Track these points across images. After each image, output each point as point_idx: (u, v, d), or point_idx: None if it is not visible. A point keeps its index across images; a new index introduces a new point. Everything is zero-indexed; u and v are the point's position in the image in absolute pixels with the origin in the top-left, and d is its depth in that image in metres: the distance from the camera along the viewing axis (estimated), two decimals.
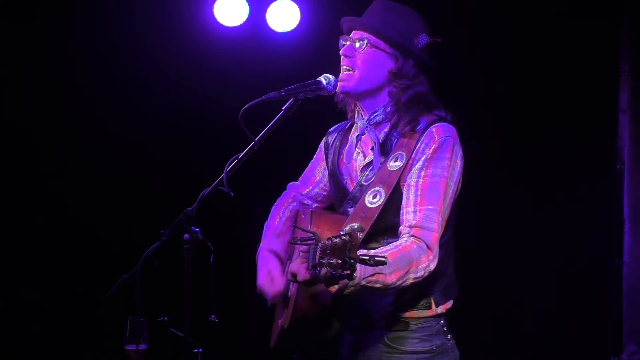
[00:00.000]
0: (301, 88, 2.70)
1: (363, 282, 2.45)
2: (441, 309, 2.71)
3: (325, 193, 3.00)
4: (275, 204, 3.07)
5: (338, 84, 2.75)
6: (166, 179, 4.87)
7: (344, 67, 2.75)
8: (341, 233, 2.25)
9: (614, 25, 4.30)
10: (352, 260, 2.21)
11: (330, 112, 2.91)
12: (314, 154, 3.06)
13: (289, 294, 2.79)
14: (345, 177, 2.83)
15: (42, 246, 4.81)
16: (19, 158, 4.79)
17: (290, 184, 3.10)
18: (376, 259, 2.25)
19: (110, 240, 4.81)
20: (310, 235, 2.28)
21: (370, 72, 2.73)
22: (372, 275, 2.45)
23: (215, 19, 4.87)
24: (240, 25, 4.90)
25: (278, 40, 4.94)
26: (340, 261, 2.21)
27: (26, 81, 4.76)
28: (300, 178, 3.08)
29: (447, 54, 2.90)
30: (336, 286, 2.44)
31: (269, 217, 3.04)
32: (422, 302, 2.69)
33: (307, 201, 3.03)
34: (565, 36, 4.48)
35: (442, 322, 2.72)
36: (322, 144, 3.00)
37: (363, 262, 2.24)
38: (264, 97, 2.64)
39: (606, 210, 4.31)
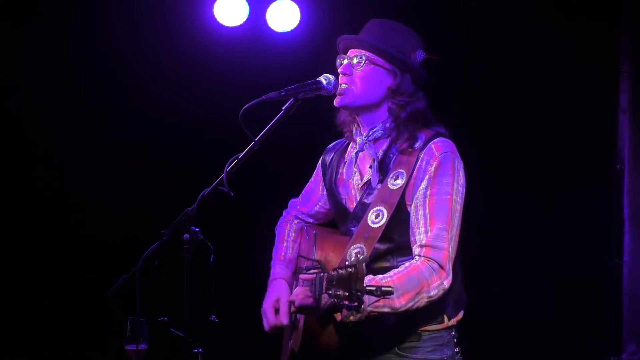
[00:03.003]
0: (301, 88, 2.71)
1: (369, 309, 2.47)
2: (453, 321, 2.74)
3: (324, 211, 3.03)
4: (278, 223, 3.10)
5: (336, 98, 2.76)
6: (166, 179, 4.86)
7: (342, 84, 2.75)
8: (347, 264, 2.25)
9: (614, 25, 4.30)
10: (358, 293, 2.22)
11: (330, 112, 2.91)
12: (314, 154, 3.06)
13: (298, 316, 2.79)
14: (344, 197, 2.84)
15: (42, 246, 4.81)
16: (19, 158, 4.79)
17: (291, 200, 3.11)
18: (383, 289, 2.27)
19: (111, 240, 4.81)
20: (316, 263, 2.29)
21: (368, 88, 2.74)
22: (378, 301, 2.47)
23: (215, 19, 4.87)
24: (240, 25, 4.90)
25: (278, 40, 4.94)
26: (346, 293, 2.23)
27: (26, 81, 4.75)
28: (301, 195, 3.10)
29: (447, 54, 2.90)
30: (339, 315, 2.46)
31: (275, 240, 3.06)
32: (435, 318, 2.71)
33: (309, 220, 3.05)
34: (565, 36, 4.48)
35: (453, 333, 2.74)
36: (320, 162, 3.01)
37: (370, 293, 2.26)
38: (264, 97, 2.64)
39: (606, 210, 4.31)
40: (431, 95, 2.81)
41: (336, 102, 2.77)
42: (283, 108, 2.69)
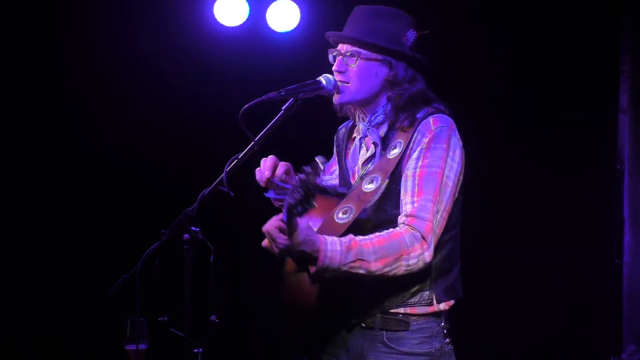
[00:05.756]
0: (301, 88, 2.70)
1: (344, 268, 2.47)
2: (443, 306, 2.70)
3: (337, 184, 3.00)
4: None
5: (335, 96, 2.76)
6: (166, 179, 4.87)
7: (339, 81, 2.75)
8: (304, 168, 2.24)
9: (614, 25, 4.30)
10: (309, 186, 2.20)
11: (330, 112, 2.91)
12: (314, 154, 3.06)
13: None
14: (350, 171, 2.85)
15: (42, 246, 4.81)
16: (19, 158, 4.79)
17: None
18: (337, 190, 2.23)
19: (110, 240, 4.81)
20: (288, 186, 2.27)
21: (365, 83, 2.74)
22: (354, 261, 2.47)
23: (215, 19, 4.87)
24: (240, 25, 4.90)
25: (278, 40, 4.94)
26: (301, 190, 2.21)
27: (26, 81, 4.76)
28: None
29: (446, 54, 2.90)
30: (314, 267, 2.45)
31: None
32: (424, 297, 2.66)
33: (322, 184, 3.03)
34: (565, 36, 4.48)
35: (442, 323, 2.71)
36: (334, 139, 3.02)
37: (324, 191, 2.27)
38: (264, 97, 2.63)
39: (606, 210, 4.31)
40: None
41: (335, 100, 2.77)
42: (283, 108, 2.69)
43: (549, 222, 4.53)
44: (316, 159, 2.25)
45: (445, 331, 2.71)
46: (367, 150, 2.80)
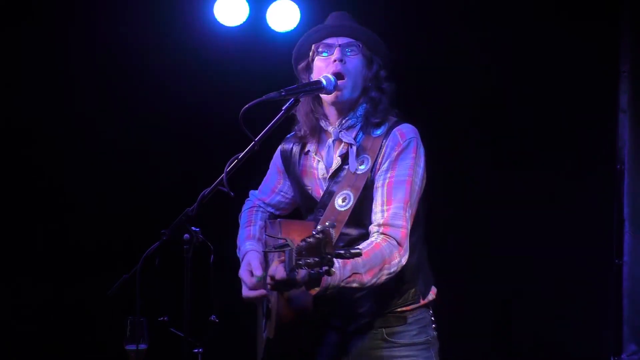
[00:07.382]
0: (301, 88, 2.72)
1: (342, 284, 2.52)
2: (431, 296, 2.82)
3: (287, 200, 3.04)
4: (242, 212, 3.10)
5: (334, 93, 2.75)
6: (166, 179, 4.86)
7: (337, 73, 2.75)
8: (314, 232, 2.27)
9: (614, 25, 4.31)
10: (329, 256, 2.25)
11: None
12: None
13: (270, 305, 2.79)
14: (309, 187, 2.86)
15: (42, 246, 4.81)
16: (19, 158, 4.79)
17: (251, 191, 3.12)
18: (352, 251, 2.31)
19: (111, 240, 4.81)
20: (283, 241, 2.31)
21: (359, 77, 2.78)
22: (350, 276, 2.51)
23: (215, 19, 4.87)
24: (240, 25, 4.90)
25: (278, 40, 4.93)
26: (317, 259, 2.25)
27: (26, 81, 4.75)
28: (260, 187, 3.11)
29: (447, 54, 2.90)
30: (317, 288, 2.48)
31: (240, 227, 3.05)
32: (410, 294, 2.76)
33: (270, 210, 3.06)
34: (566, 36, 4.48)
35: (430, 312, 2.82)
36: (278, 152, 3.01)
37: (340, 256, 2.29)
38: (264, 97, 2.64)
39: (606, 210, 4.31)
40: (431, 95, 2.82)
41: (337, 97, 2.76)
42: (283, 108, 2.69)
43: (549, 222, 4.52)
44: (327, 223, 2.28)
45: (433, 318, 2.83)
46: (329, 161, 2.80)
